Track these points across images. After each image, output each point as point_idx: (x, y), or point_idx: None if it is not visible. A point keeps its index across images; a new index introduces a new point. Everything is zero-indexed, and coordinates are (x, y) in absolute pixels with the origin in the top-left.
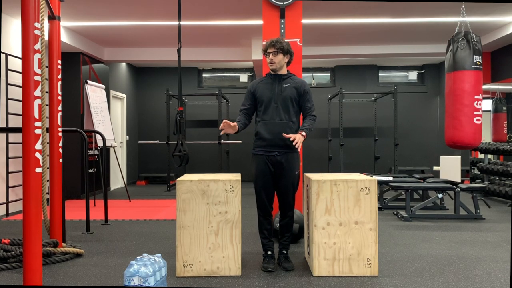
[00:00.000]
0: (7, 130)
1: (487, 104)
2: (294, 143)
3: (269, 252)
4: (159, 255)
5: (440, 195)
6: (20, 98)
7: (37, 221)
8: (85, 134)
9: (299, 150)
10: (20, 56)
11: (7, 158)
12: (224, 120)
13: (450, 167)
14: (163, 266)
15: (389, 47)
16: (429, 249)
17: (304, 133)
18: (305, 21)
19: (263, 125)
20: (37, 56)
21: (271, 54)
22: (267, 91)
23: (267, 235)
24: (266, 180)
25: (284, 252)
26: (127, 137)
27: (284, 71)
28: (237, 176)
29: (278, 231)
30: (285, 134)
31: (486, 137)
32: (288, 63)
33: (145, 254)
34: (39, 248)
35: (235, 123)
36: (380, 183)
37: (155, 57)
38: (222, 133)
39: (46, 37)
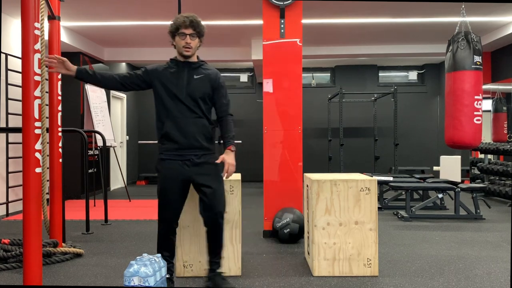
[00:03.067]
0: (7, 130)
1: (487, 104)
2: (224, 171)
3: (168, 276)
4: (159, 255)
5: (440, 195)
6: (20, 98)
7: (37, 221)
8: (85, 134)
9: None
10: (20, 56)
11: (7, 158)
12: (54, 56)
13: (450, 167)
14: (163, 266)
15: (389, 47)
16: (429, 249)
17: (232, 148)
18: (305, 21)
19: (172, 124)
20: (37, 56)
21: (188, 37)
22: (174, 82)
23: (169, 257)
24: (176, 190)
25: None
26: (127, 137)
27: (195, 58)
28: (237, 176)
29: (277, 231)
30: (213, 161)
31: (486, 137)
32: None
33: (145, 254)
34: (39, 248)
35: (72, 65)
36: (380, 183)
37: (155, 57)
38: (50, 70)
39: (46, 37)
